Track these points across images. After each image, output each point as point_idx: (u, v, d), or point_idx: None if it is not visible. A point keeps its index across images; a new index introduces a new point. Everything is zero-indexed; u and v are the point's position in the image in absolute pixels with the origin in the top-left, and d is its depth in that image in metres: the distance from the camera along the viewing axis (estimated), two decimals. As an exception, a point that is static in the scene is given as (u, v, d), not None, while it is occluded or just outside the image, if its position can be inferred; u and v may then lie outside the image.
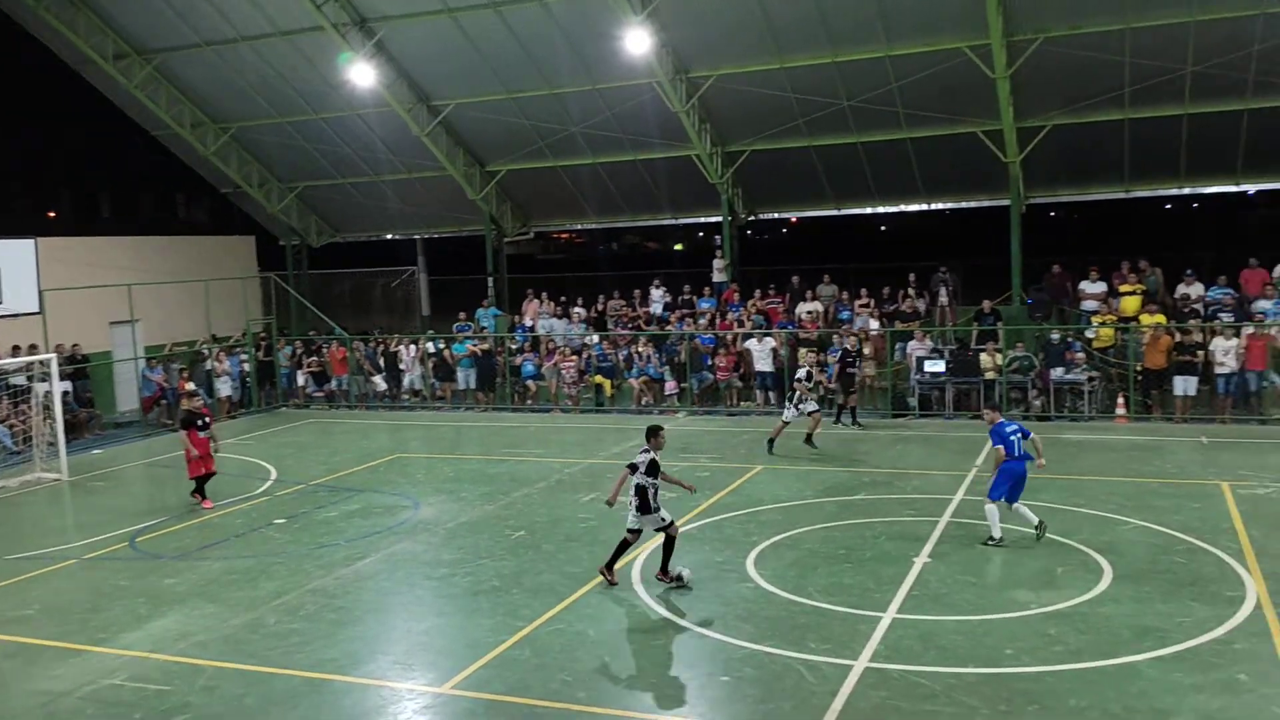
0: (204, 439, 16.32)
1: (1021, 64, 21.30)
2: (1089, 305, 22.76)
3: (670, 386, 24.14)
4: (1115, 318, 21.96)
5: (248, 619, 11.09)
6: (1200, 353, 20.01)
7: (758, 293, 26.04)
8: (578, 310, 27.48)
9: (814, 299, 25.34)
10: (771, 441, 18.46)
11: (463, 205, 29.85)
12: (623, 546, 11.69)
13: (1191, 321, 21.02)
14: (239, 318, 28.77)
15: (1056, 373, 21.06)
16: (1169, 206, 46.95)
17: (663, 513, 11.55)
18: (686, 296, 27.06)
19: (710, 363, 23.90)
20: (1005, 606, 10.48)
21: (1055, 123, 22.96)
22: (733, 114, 25.32)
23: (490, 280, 30.49)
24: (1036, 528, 12.52)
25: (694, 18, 22.83)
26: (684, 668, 9.52)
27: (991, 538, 12.46)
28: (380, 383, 26.75)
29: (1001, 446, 12.51)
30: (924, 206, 28.58)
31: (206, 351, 26.41)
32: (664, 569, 11.58)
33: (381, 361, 26.89)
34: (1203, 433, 18.79)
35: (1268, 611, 9.96)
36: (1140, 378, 20.62)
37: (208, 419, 16.80)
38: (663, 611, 10.83)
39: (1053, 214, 48.15)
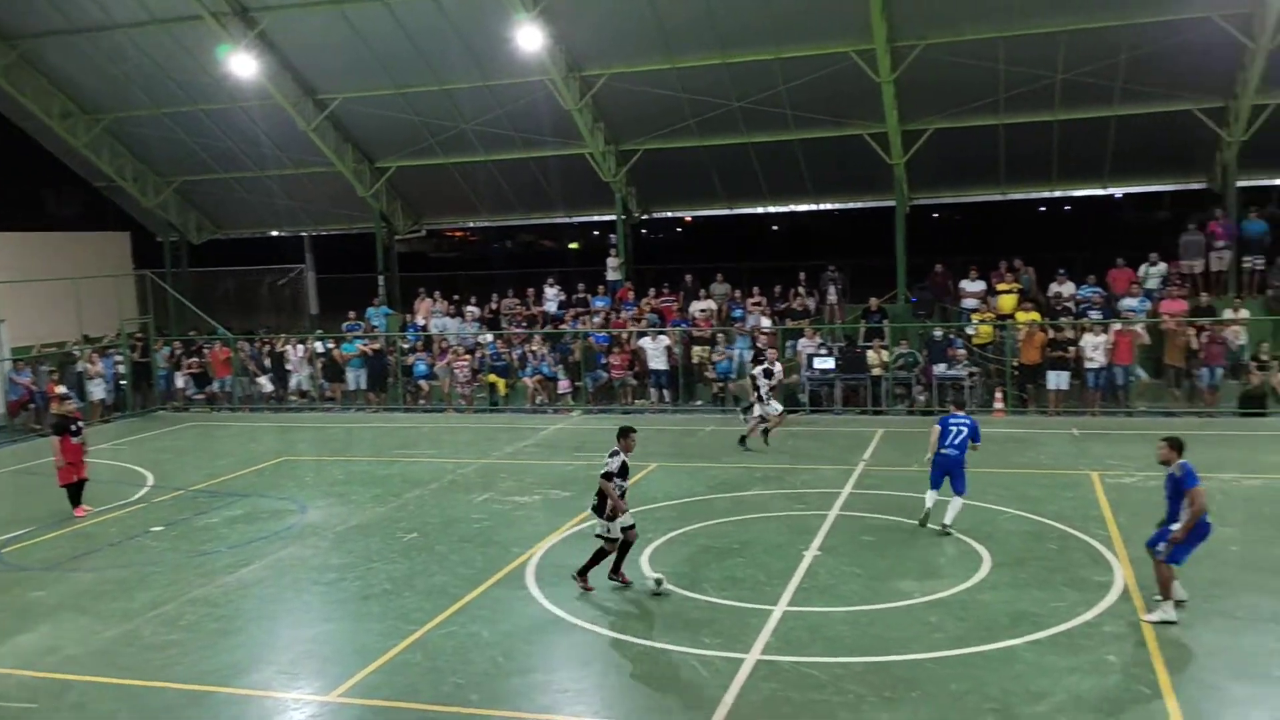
0: (76, 444, 15.58)
1: (905, 69, 21.93)
2: (969, 303, 23.58)
3: (564, 385, 24.08)
4: (993, 315, 22.81)
5: (122, 631, 10.64)
6: (1072, 348, 20.95)
7: (652, 291, 26.19)
8: (471, 309, 27.18)
9: (707, 297, 25.61)
10: (744, 439, 18.48)
11: (352, 202, 29.21)
12: (623, 550, 11.30)
13: (1063, 319, 21.98)
14: (113, 317, 27.54)
15: (939, 369, 21.75)
16: (1043, 209, 48.91)
17: (624, 517, 11.13)
18: (581, 295, 27.02)
19: (604, 361, 23.93)
20: (890, 596, 10.77)
21: (936, 126, 23.70)
22: (625, 113, 25.40)
23: (381, 278, 29.91)
24: (922, 518, 13.01)
25: (586, 16, 22.81)
26: (579, 666, 9.51)
27: (943, 524, 12.93)
28: (266, 384, 25.96)
29: (938, 427, 13.09)
30: (813, 206, 29.20)
31: (78, 353, 25.21)
32: (616, 568, 11.37)
33: (267, 362, 26.11)
34: (1074, 425, 19.68)
35: (1134, 595, 10.48)
36: (1016, 373, 21.46)
37: (80, 423, 16.05)
38: (558, 610, 10.79)
39: (935, 215, 49.69)
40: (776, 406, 18.43)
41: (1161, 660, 8.91)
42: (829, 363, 22.09)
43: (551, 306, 27.01)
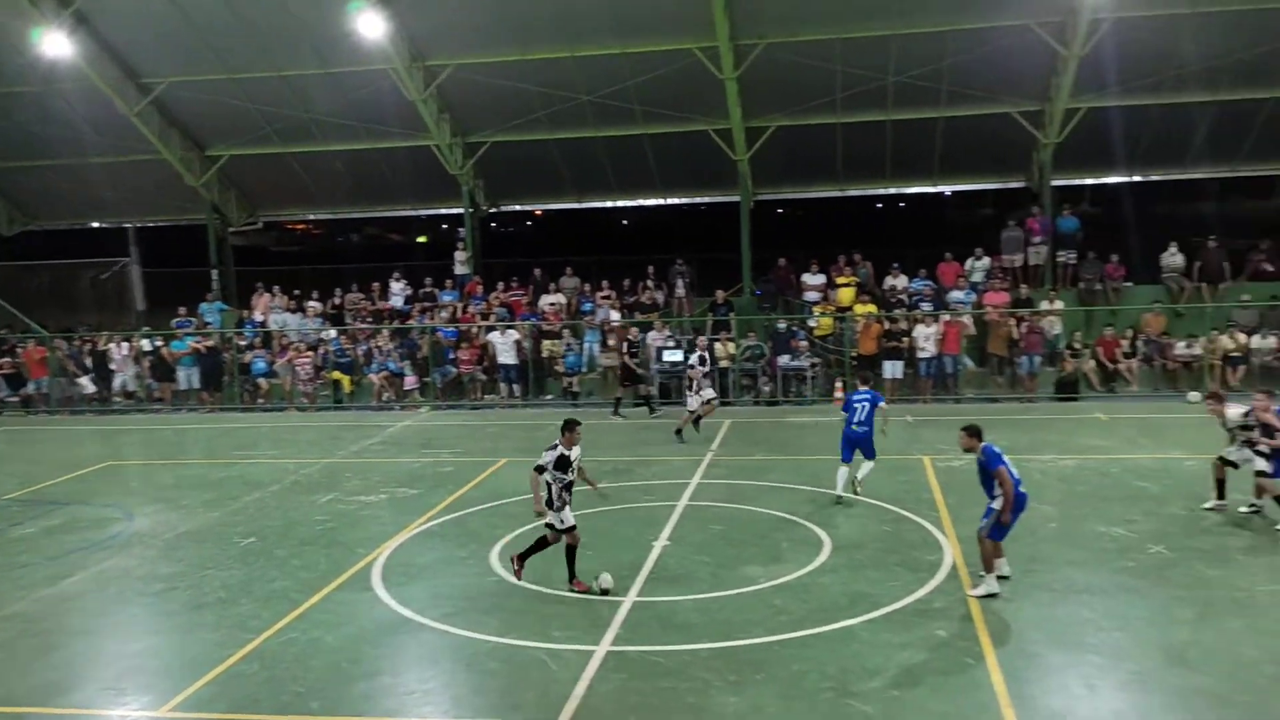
0: None
1: (747, 67, 22.41)
2: (810, 296, 24.35)
3: (411, 381, 23.61)
4: (833, 308, 23.64)
5: (-76, 655, 9.81)
6: (905, 339, 21.93)
7: (501, 285, 25.95)
8: (313, 304, 26.30)
9: (557, 291, 25.57)
10: (679, 431, 18.48)
11: (181, 192, 27.76)
12: (540, 544, 11.09)
13: (897, 311, 22.97)
14: (-88, 315, 25.39)
15: (783, 360, 22.40)
16: (880, 205, 50.90)
17: (565, 514, 10.87)
18: (428, 289, 26.55)
19: (453, 356, 23.60)
20: (737, 583, 11.01)
21: (778, 124, 24.35)
22: (473, 104, 25.05)
23: (215, 273, 28.59)
24: (846, 489, 13.94)
25: (430, 5, 22.36)
26: (426, 666, 9.35)
27: (839, 497, 13.84)
28: (87, 384, 24.46)
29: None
30: (661, 201, 29.52)
31: None
32: (571, 575, 11.03)
33: (89, 361, 24.58)
34: (908, 412, 20.59)
35: (961, 572, 11.05)
36: (855, 363, 22.31)
37: None
38: (406, 611, 10.57)
39: (780, 210, 51.03)
40: (710, 392, 18.71)
41: (986, 633, 9.43)
42: (678, 355, 22.41)
43: (398, 301, 26.41)
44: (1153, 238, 24.98)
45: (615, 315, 24.23)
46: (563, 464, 10.91)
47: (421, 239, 54.84)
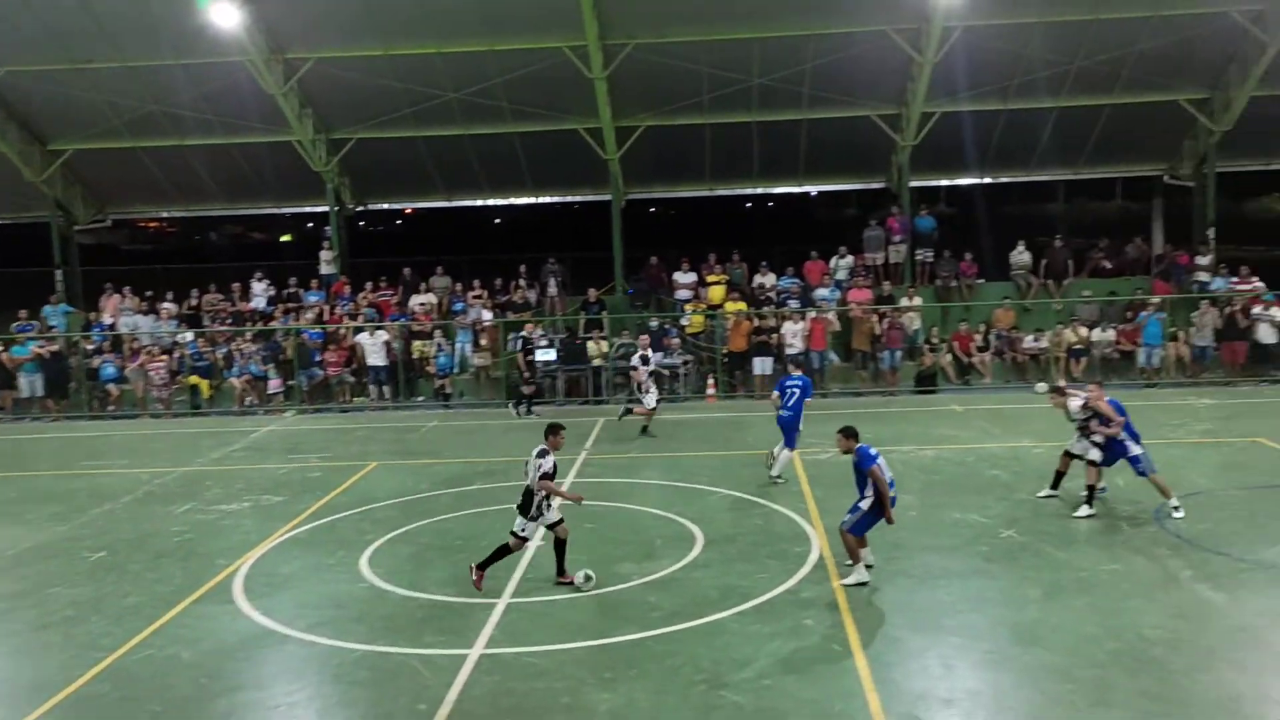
0: None
1: (617, 67, 22.52)
2: (682, 294, 24.65)
3: (275, 385, 22.86)
4: (705, 305, 23.98)
5: None
6: (774, 335, 22.43)
7: (369, 285, 25.38)
8: (168, 305, 25.16)
9: (428, 291, 25.17)
10: (645, 428, 18.42)
11: (21, 188, 26.14)
12: (503, 552, 10.83)
13: (766, 308, 23.47)
14: None
15: (656, 357, 22.55)
16: (749, 204, 51.88)
17: (551, 514, 10.72)
18: (293, 290, 25.75)
19: (319, 358, 22.95)
20: (612, 580, 11.05)
21: (648, 124, 24.56)
22: (336, 100, 24.42)
23: (59, 273, 27.04)
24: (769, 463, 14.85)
25: (290, -5, 21.71)
26: (292, 679, 9.06)
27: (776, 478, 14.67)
28: (-83, 394, 22.79)
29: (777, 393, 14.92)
30: (533, 200, 29.38)
31: None
32: (560, 571, 10.91)
33: (-82, 369, 22.91)
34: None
35: (829, 562, 11.36)
36: (726, 360, 22.69)
37: None
38: (270, 622, 10.23)
39: (652, 209, 51.48)
40: (651, 400, 18.55)
41: (852, 620, 9.73)
42: (551, 354, 22.37)
43: (260, 302, 25.52)
44: (1003, 237, 26.28)
45: (487, 315, 24.00)
46: (553, 472, 10.78)
47: (285, 238, 53.14)
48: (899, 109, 24.25)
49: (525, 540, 10.79)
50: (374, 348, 22.68)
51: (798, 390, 14.74)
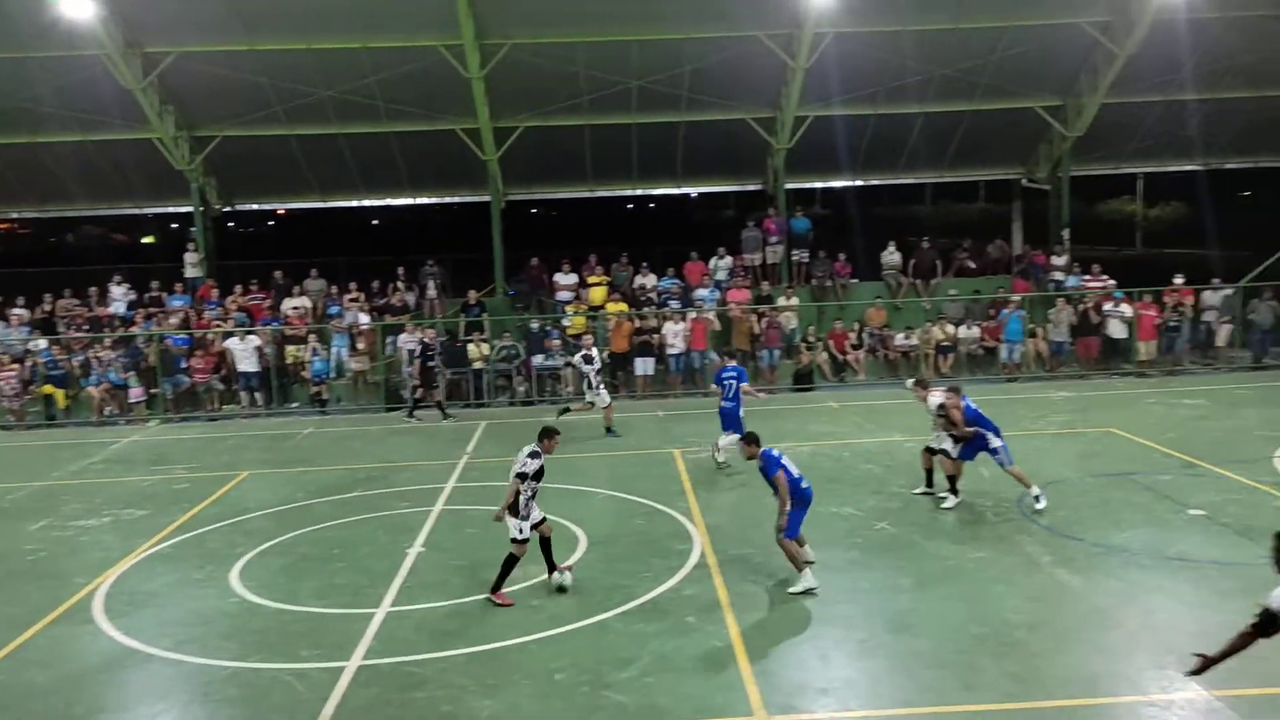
0: None
1: (494, 67, 22.31)
2: (563, 296, 24.60)
3: (137, 393, 21.86)
4: (586, 306, 23.99)
5: None
6: (655, 336, 22.60)
7: (239, 288, 24.50)
8: (18, 311, 23.78)
9: (301, 294, 24.45)
10: (609, 429, 18.17)
11: None
12: (545, 549, 10.66)
13: (647, 309, 23.63)
14: None
15: (538, 359, 22.51)
16: (631, 205, 52.18)
17: (525, 525, 10.39)
18: (155, 294, 24.66)
19: (185, 365, 22.06)
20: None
21: (527, 124, 24.40)
22: (199, 96, 23.50)
23: (-105, 278, 25.26)
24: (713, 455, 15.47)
25: (148, -14, 20.79)
26: (157, 700, 8.68)
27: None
28: None
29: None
30: (410, 201, 28.85)
31: None
32: (551, 568, 10.75)
33: None
34: (659, 407, 21.24)
35: (710, 559, 11.52)
36: (608, 360, 22.74)
37: None
38: (133, 642, 9.78)
39: (533, 210, 51.26)
40: (605, 398, 18.27)
41: (733, 616, 9.88)
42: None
43: (119, 306, 24.36)
44: (875, 238, 27.11)
45: (365, 318, 23.47)
46: (540, 474, 10.53)
47: (148, 239, 50.93)
48: (774, 113, 24.74)
49: (525, 542, 10.46)
50: (245, 353, 21.91)
51: (734, 380, 15.38)
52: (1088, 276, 24.60)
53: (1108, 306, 23.16)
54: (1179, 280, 23.45)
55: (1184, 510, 12.59)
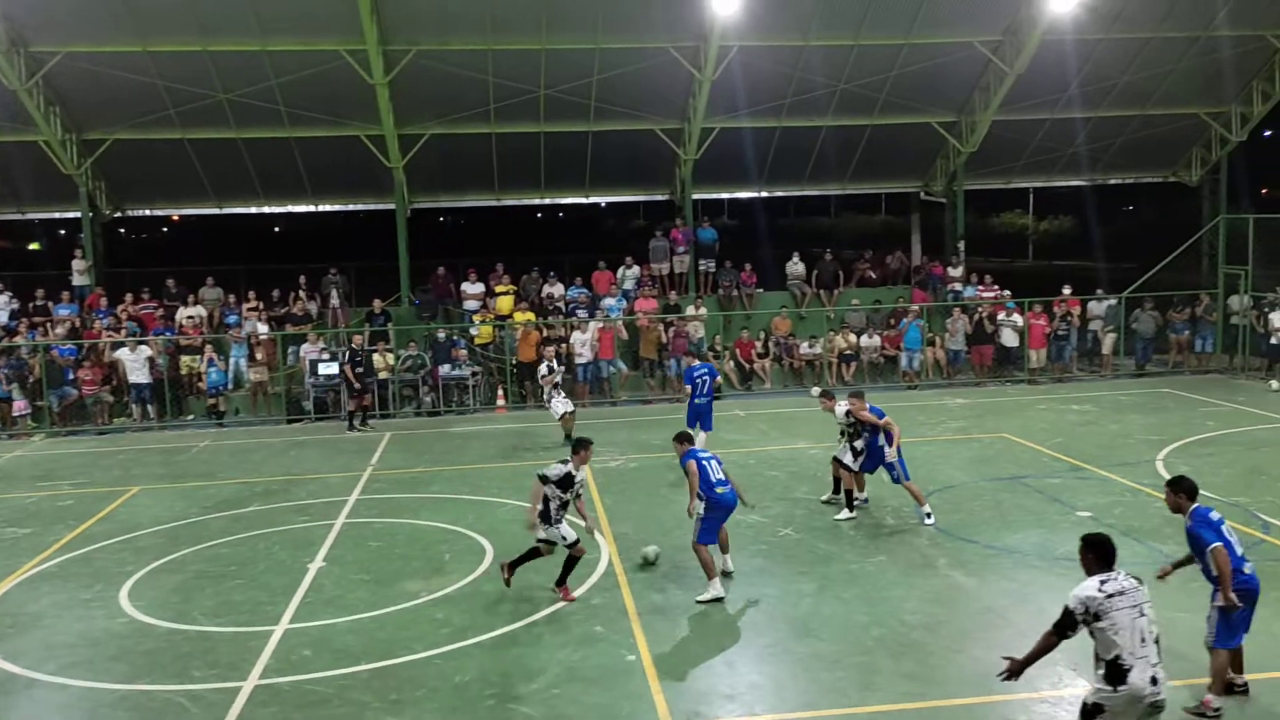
0: None
1: (399, 73, 22.01)
2: (470, 305, 24.38)
3: (20, 406, 20.90)
4: (493, 316, 23.82)
5: None
6: (563, 345, 22.54)
7: (129, 297, 23.63)
8: (-111, 321, 22.54)
9: (197, 303, 23.71)
10: (569, 435, 17.38)
11: None
12: (532, 554, 10.75)
13: (554, 318, 23.58)
14: None
15: (444, 369, 22.25)
16: (540, 215, 52.02)
17: (563, 529, 10.50)
18: (41, 302, 23.63)
19: (73, 376, 21.17)
20: (398, 599, 10.78)
21: (433, 132, 24.14)
22: (89, 98, 22.62)
23: None
24: None
25: (33, -17, 19.97)
26: (40, 728, 8.31)
27: None
28: None
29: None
30: (312, 208, 28.23)
31: None
32: (562, 581, 10.71)
33: None
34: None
35: (617, 568, 11.53)
36: (515, 370, 22.62)
37: None
38: (12, 666, 9.35)
39: (441, 219, 50.74)
40: (560, 407, 17.85)
41: (640, 624, 9.91)
42: (333, 368, 21.56)
43: (1, 316, 23.27)
44: (780, 248, 27.54)
45: (263, 328, 22.87)
46: (567, 482, 10.52)
47: (34, 246, 48.96)
48: (682, 124, 24.96)
49: (576, 542, 10.58)
50: (136, 364, 21.13)
51: (706, 378, 15.73)
52: (981, 286, 25.43)
53: (1001, 316, 23.96)
54: (1068, 291, 24.40)
55: (1072, 512, 13.09)
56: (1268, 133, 35.96)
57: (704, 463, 10.75)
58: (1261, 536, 11.84)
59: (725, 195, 31.16)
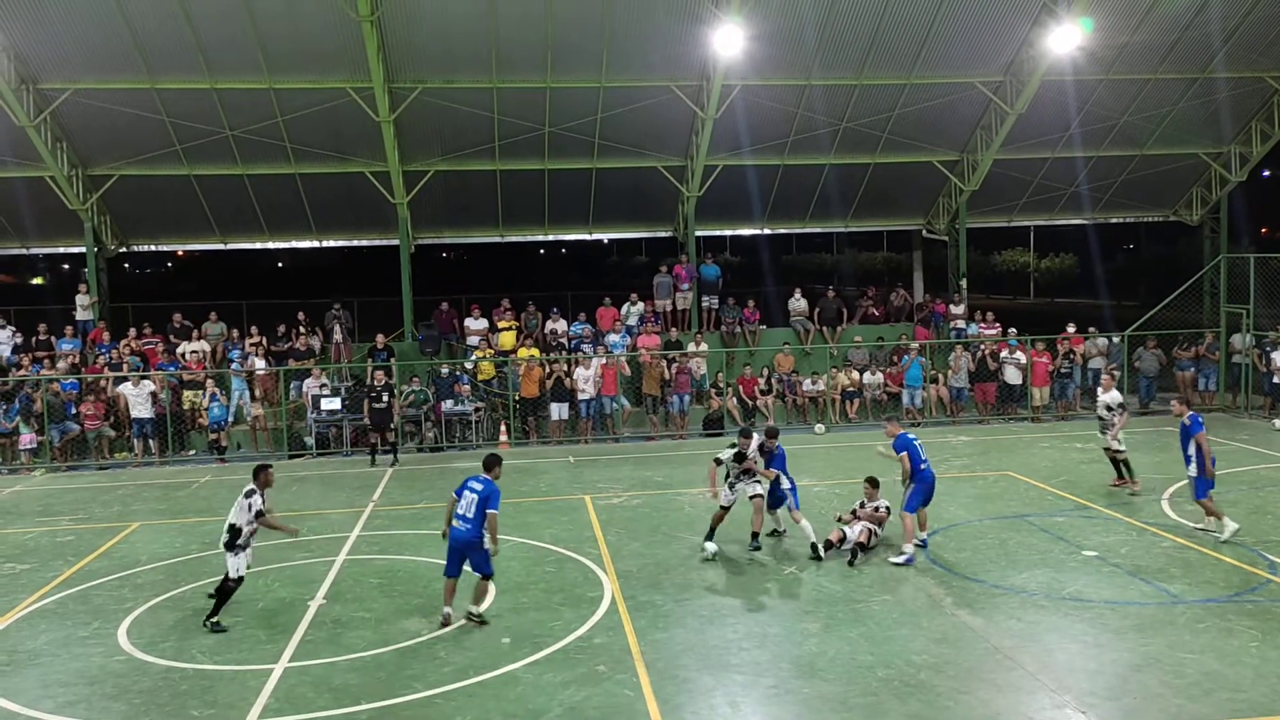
0: None
1: (404, 110, 22.21)
2: (473, 340, 24.40)
3: (26, 440, 20.86)
4: (494, 351, 23.82)
5: None
6: (567, 380, 22.52)
7: (132, 332, 23.67)
8: (-108, 356, 22.55)
9: (199, 338, 23.73)
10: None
11: None
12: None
13: (557, 354, 23.58)
14: None
15: (447, 405, 22.21)
16: (543, 250, 52.23)
17: (738, 488, 13.25)
18: (44, 337, 23.67)
19: (75, 411, 21.14)
20: (398, 637, 10.68)
21: (438, 169, 24.31)
22: (96, 134, 22.81)
23: None
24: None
25: (42, 23, 20.16)
26: (35, 768, 8.20)
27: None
28: None
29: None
30: (316, 244, 28.34)
31: None
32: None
33: None
34: (570, 453, 21.11)
35: (620, 606, 11.42)
36: (519, 405, 22.59)
37: None
38: (10, 705, 9.24)
39: (445, 254, 50.97)
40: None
41: (642, 663, 9.80)
42: (335, 403, 21.55)
43: (4, 350, 23.29)
44: (783, 284, 27.59)
45: (260, 363, 22.84)
46: (739, 458, 13.23)
47: (38, 280, 49.13)
48: (685, 161, 25.13)
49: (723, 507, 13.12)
50: (138, 399, 21.10)
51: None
52: (983, 324, 25.46)
53: (1003, 354, 23.94)
54: (1071, 329, 24.40)
55: (1078, 551, 12.99)
56: (1266, 173, 36.22)
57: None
58: (1269, 576, 11.74)
59: (728, 232, 31.22)
